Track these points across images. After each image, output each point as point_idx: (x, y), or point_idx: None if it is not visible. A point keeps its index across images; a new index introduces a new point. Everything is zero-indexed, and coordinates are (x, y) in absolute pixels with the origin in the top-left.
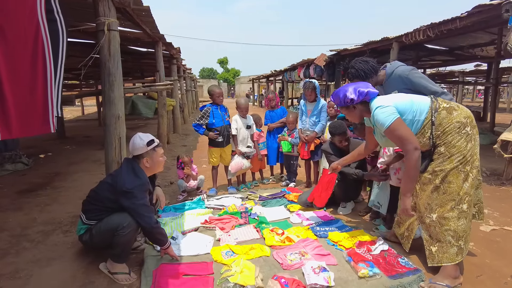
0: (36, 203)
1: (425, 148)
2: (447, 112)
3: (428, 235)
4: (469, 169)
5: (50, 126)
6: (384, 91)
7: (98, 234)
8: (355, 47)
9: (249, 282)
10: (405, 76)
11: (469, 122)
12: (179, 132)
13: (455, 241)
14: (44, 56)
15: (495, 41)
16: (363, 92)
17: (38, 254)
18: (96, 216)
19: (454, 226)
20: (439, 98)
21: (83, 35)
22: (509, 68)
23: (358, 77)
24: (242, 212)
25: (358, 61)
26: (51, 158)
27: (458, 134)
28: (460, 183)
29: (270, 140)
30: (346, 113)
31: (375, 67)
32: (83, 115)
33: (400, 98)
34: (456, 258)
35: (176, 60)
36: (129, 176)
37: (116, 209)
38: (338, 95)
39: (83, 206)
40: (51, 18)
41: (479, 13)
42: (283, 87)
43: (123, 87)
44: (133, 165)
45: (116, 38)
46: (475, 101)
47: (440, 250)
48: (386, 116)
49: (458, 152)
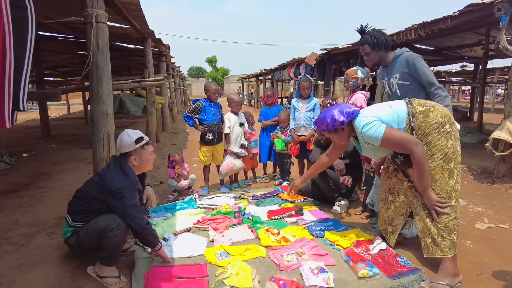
0: (19, 204)
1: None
2: (424, 115)
3: (422, 226)
4: (452, 166)
5: (5, 121)
6: (387, 73)
7: (86, 237)
8: (346, 46)
9: (246, 285)
10: (411, 60)
11: (447, 121)
12: (168, 130)
13: (447, 235)
14: (4, 45)
15: (483, 41)
16: (350, 112)
17: (21, 258)
18: (82, 218)
19: (445, 221)
20: (414, 101)
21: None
22: (493, 69)
23: (369, 44)
24: (236, 212)
25: (376, 30)
26: (35, 157)
27: (438, 133)
28: (445, 180)
29: (263, 138)
30: (336, 137)
31: (388, 43)
32: (69, 113)
33: (381, 109)
34: (449, 252)
35: (165, 57)
36: (117, 175)
37: (104, 210)
38: (325, 120)
39: (68, 208)
40: (20, 4)
41: (470, 12)
42: (273, 86)
43: (112, 82)
44: (122, 163)
45: (104, 31)
46: (460, 101)
47: (434, 243)
48: (375, 130)
49: (440, 150)
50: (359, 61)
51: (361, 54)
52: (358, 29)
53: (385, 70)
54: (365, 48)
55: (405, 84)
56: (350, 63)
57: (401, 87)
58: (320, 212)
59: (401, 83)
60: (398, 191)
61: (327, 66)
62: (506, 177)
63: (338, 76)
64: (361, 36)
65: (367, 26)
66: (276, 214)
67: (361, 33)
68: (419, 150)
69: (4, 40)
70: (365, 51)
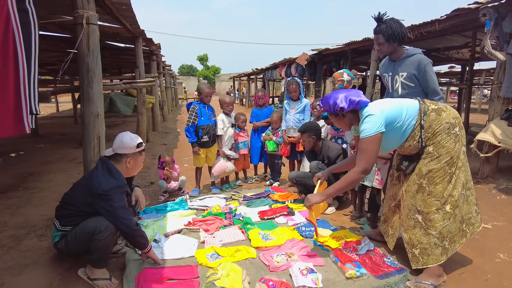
0: (7, 206)
1: (414, 151)
2: (436, 113)
3: (409, 238)
4: (453, 171)
5: (24, 126)
6: (394, 68)
7: (74, 240)
8: (336, 46)
9: (236, 286)
10: (424, 64)
11: (457, 123)
12: (159, 130)
13: (440, 241)
14: (15, 50)
15: (470, 44)
16: (354, 101)
17: (10, 261)
18: (70, 222)
19: (439, 228)
20: (426, 100)
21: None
22: (479, 71)
23: (384, 34)
24: (227, 213)
25: (394, 20)
26: (24, 157)
27: (448, 135)
28: (445, 184)
29: (254, 139)
30: (335, 120)
31: (404, 36)
32: (58, 112)
33: (390, 105)
34: (441, 258)
35: (156, 56)
36: (105, 177)
37: (92, 213)
38: (328, 101)
39: (56, 212)
40: (23, 8)
41: (457, 17)
42: (264, 85)
43: (103, 84)
44: (109, 166)
45: (95, 32)
46: (448, 102)
47: (424, 253)
48: (371, 126)
49: (447, 152)
50: (349, 62)
51: (374, 43)
52: (375, 16)
53: (391, 65)
54: (379, 38)
55: (410, 85)
56: (340, 64)
57: (405, 87)
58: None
59: (406, 83)
60: (398, 196)
61: (318, 67)
62: (490, 177)
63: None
64: (376, 25)
65: (384, 14)
66: (267, 215)
67: (377, 21)
68: (360, 177)
69: (15, 46)
70: (378, 41)
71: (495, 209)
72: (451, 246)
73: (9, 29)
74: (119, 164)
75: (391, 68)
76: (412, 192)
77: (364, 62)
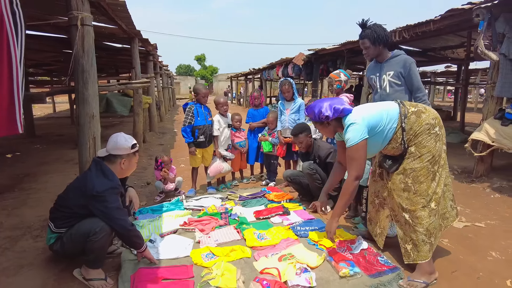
0: (3, 207)
1: (398, 152)
2: (416, 116)
3: (403, 233)
4: (436, 169)
5: (17, 126)
6: (381, 69)
7: (70, 242)
8: (333, 46)
9: (230, 285)
10: (409, 63)
11: (437, 123)
12: (156, 130)
13: (427, 238)
14: (9, 51)
15: (465, 43)
16: (338, 109)
17: (5, 262)
18: (65, 224)
19: (426, 225)
20: (405, 102)
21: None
22: (476, 70)
23: (369, 38)
24: (222, 213)
25: (377, 24)
26: (20, 158)
27: (428, 135)
28: (429, 182)
29: (251, 139)
30: (320, 128)
31: (388, 39)
32: (55, 112)
33: (371, 110)
34: (428, 255)
35: (153, 56)
36: (98, 178)
37: (86, 215)
38: (313, 110)
39: (50, 214)
40: (12, 10)
41: (451, 17)
42: (261, 85)
43: (98, 85)
44: (102, 167)
45: (90, 33)
46: (445, 101)
47: (414, 249)
48: (355, 135)
49: (428, 151)
50: (346, 62)
51: (361, 47)
52: (360, 23)
53: (378, 66)
54: (365, 42)
55: (397, 83)
56: (337, 64)
57: (392, 84)
58: (304, 212)
59: (393, 81)
60: (383, 194)
61: (315, 67)
62: (484, 176)
63: (326, 77)
64: (362, 30)
65: (368, 20)
66: (263, 215)
67: (362, 27)
68: (355, 184)
69: (9, 47)
70: (364, 45)
71: (489, 207)
72: (435, 242)
73: (3, 30)
74: (113, 165)
75: (378, 69)
76: (398, 191)
77: (360, 62)
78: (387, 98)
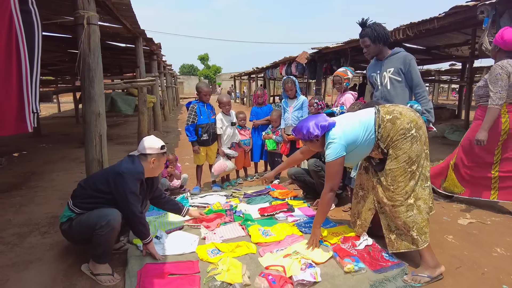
0: (11, 204)
1: (380, 156)
2: (391, 123)
3: (387, 224)
4: (415, 168)
5: (26, 125)
6: (381, 66)
7: (77, 227)
8: (336, 45)
9: (236, 280)
10: (409, 59)
11: (413, 126)
12: (160, 129)
13: (406, 231)
14: (18, 50)
15: (469, 41)
16: (325, 126)
17: (14, 258)
18: (82, 203)
19: (403, 218)
20: (381, 109)
21: (59, 29)
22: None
23: (369, 37)
24: (227, 210)
25: (377, 23)
26: (26, 157)
27: (404, 138)
28: (407, 181)
29: (255, 137)
30: (310, 145)
31: (387, 37)
32: (60, 112)
33: (350, 124)
34: (411, 246)
35: (157, 56)
36: (127, 163)
37: (104, 201)
38: (301, 131)
39: (73, 193)
40: (25, 9)
41: (455, 14)
42: (265, 84)
43: (104, 83)
44: (134, 158)
45: (96, 32)
46: (450, 99)
47: (399, 238)
48: (333, 151)
49: (404, 153)
50: (350, 60)
51: (361, 46)
52: (359, 22)
53: (379, 64)
54: (365, 40)
55: (397, 79)
56: (341, 62)
57: (393, 81)
58: (309, 209)
59: (394, 78)
60: (367, 187)
61: (318, 65)
62: None
63: (329, 75)
64: (362, 29)
65: (368, 19)
66: (267, 212)
67: (362, 26)
68: (329, 195)
69: (18, 46)
70: (365, 44)
71: (494, 204)
72: (421, 237)
73: (12, 30)
74: (144, 163)
75: (378, 67)
76: (381, 189)
77: (364, 60)
78: (388, 95)
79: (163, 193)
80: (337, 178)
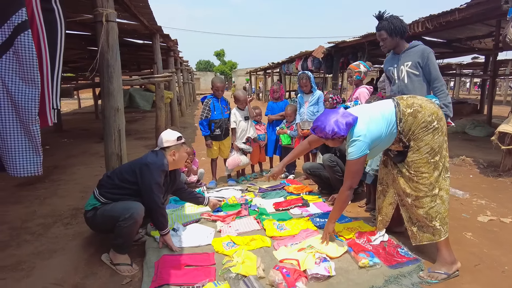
0: (35, 196)
1: (400, 148)
2: (413, 117)
3: (408, 217)
4: (438, 159)
5: (47, 119)
6: (398, 60)
7: (101, 217)
8: (353, 39)
9: (250, 272)
10: (427, 53)
11: (434, 118)
12: (177, 125)
13: (429, 222)
14: (39, 47)
15: (493, 33)
16: (349, 123)
17: (40, 246)
18: (108, 193)
19: (426, 209)
20: (401, 102)
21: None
22: (505, 61)
23: (386, 30)
24: (242, 204)
25: (394, 16)
26: (49, 151)
27: (426, 130)
28: (431, 172)
29: (270, 132)
30: (331, 143)
31: (405, 30)
32: (80, 108)
33: (373, 120)
34: (433, 238)
35: (173, 52)
36: (152, 155)
37: (129, 193)
38: (324, 130)
39: (99, 182)
40: (48, 7)
41: (478, 5)
42: (280, 79)
43: (122, 79)
44: (158, 151)
45: (114, 29)
46: (471, 94)
47: (420, 230)
48: (357, 150)
49: (426, 144)
50: (367, 54)
51: (378, 39)
52: (376, 15)
53: (396, 58)
54: (382, 34)
55: (415, 73)
56: (358, 56)
57: (410, 75)
58: (324, 204)
59: (411, 72)
60: (386, 181)
61: (335, 60)
62: None
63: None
64: (378, 22)
65: (385, 12)
66: (282, 206)
67: (379, 19)
68: (348, 193)
69: (39, 43)
70: (381, 37)
71: None
72: (443, 228)
73: (33, 27)
74: (167, 156)
75: (395, 61)
76: (403, 180)
77: (382, 54)
78: (405, 89)
79: (185, 186)
80: (358, 177)
